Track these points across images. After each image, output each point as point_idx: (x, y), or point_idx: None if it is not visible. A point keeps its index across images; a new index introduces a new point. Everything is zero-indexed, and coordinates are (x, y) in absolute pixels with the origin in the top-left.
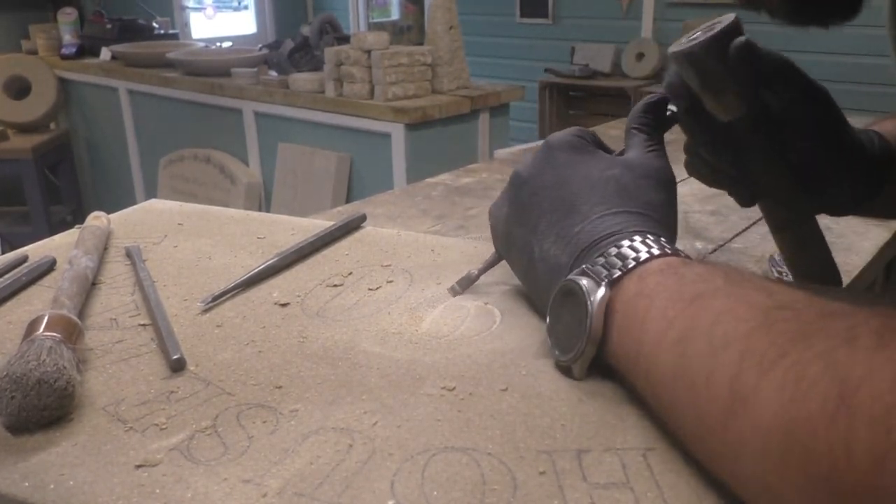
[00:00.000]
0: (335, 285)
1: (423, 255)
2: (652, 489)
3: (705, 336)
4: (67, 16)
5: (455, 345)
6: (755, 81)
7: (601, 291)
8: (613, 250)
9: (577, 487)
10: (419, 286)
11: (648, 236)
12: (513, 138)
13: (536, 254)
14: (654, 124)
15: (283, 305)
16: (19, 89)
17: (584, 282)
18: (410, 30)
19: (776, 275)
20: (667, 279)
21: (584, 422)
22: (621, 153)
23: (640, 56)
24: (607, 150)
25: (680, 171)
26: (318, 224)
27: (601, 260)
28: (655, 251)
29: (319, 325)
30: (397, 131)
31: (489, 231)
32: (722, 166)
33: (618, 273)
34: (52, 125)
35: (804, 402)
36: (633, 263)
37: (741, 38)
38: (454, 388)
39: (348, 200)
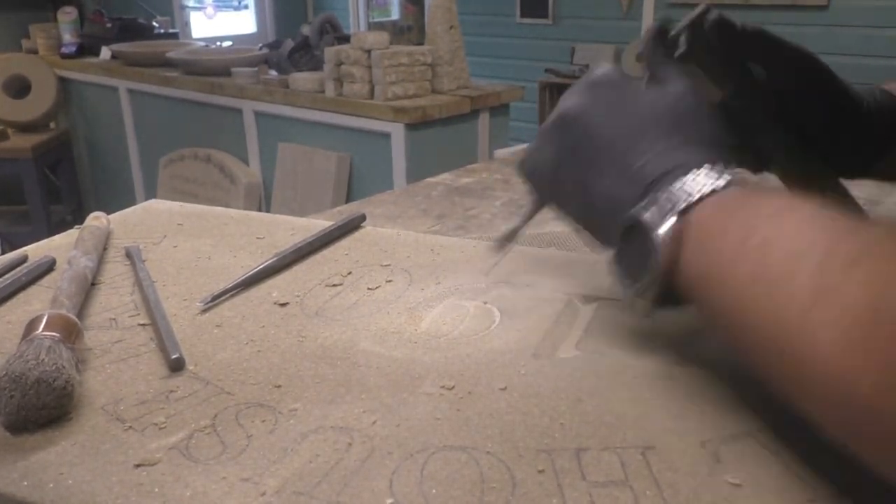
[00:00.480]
0: (334, 285)
1: (423, 254)
2: (651, 487)
3: (788, 241)
4: (67, 15)
5: (454, 344)
6: (737, 54)
7: (669, 221)
8: (680, 183)
9: (577, 486)
10: (418, 286)
11: (718, 165)
12: (513, 138)
13: (595, 191)
14: (671, 54)
15: (283, 305)
16: (19, 89)
17: (647, 215)
18: (410, 30)
19: None
20: (747, 197)
21: (582, 421)
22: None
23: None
24: None
25: None
26: (318, 224)
27: (667, 194)
28: (722, 182)
29: (318, 325)
30: (397, 131)
31: (489, 231)
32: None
33: (683, 205)
34: (52, 125)
35: (892, 291)
36: (709, 190)
37: (714, 13)
38: (453, 387)
39: (348, 200)
